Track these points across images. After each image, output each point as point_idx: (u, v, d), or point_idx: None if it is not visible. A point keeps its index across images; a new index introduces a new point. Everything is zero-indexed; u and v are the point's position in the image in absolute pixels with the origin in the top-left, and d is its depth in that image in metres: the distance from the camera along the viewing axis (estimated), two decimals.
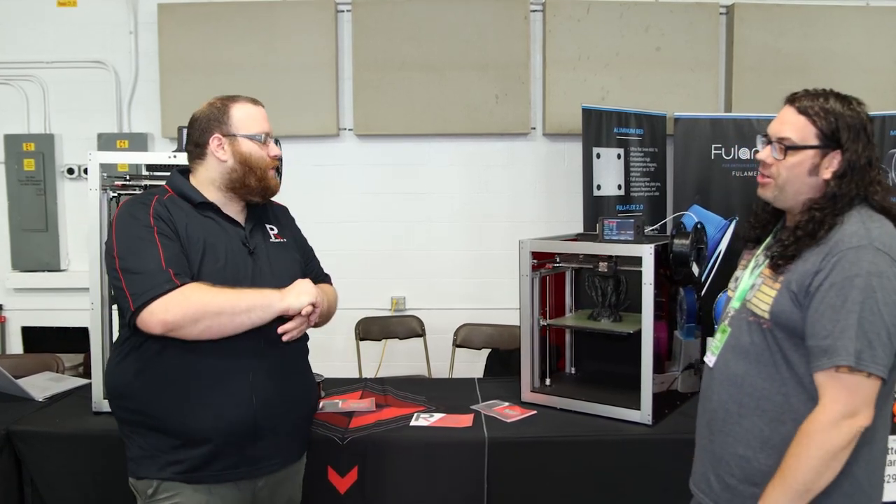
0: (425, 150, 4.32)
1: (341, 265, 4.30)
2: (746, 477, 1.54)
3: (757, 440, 1.53)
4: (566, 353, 2.82)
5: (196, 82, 4.09)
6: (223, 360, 1.70)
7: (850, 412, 1.39)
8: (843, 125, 1.51)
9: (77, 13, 4.26)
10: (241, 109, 1.81)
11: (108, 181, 2.38)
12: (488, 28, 4.17)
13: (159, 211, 1.72)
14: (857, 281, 1.40)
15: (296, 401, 1.86)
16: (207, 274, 1.70)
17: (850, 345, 1.38)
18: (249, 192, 1.81)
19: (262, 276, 1.78)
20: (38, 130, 4.29)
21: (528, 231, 3.94)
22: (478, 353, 3.98)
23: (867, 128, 1.53)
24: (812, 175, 1.53)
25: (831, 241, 1.46)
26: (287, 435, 1.83)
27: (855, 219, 1.48)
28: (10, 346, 4.35)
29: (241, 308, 1.65)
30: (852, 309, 1.39)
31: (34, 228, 4.27)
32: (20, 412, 2.40)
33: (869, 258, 1.41)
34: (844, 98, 1.55)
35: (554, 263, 2.65)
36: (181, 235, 1.71)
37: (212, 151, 1.79)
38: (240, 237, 1.81)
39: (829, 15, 4.19)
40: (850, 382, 1.39)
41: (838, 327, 1.40)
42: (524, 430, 2.32)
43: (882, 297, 1.39)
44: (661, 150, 4.16)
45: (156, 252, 1.64)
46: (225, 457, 1.72)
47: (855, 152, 1.50)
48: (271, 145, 1.84)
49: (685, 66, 4.21)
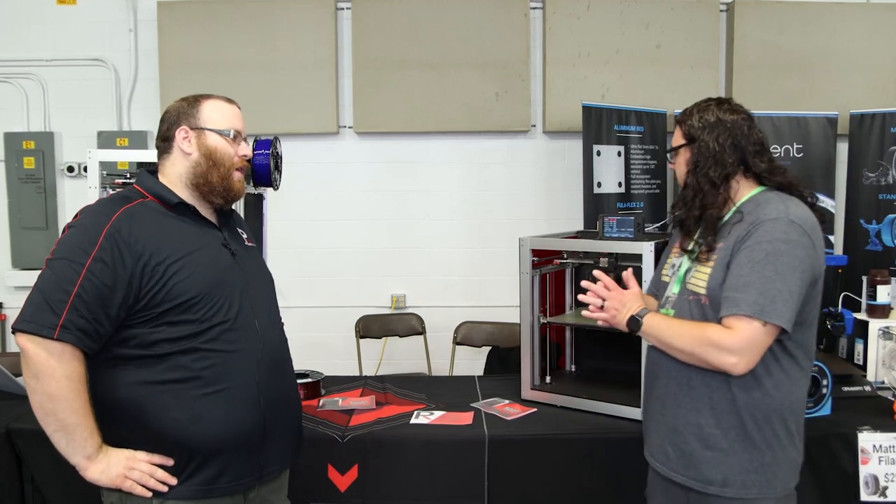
0: (425, 147, 4.32)
1: (341, 263, 4.35)
2: (701, 442, 1.70)
3: (706, 407, 1.69)
4: (566, 350, 2.82)
5: (196, 80, 4.09)
6: (230, 365, 1.62)
7: (733, 352, 1.59)
8: (696, 125, 1.79)
9: (77, 11, 4.26)
10: (213, 105, 1.75)
11: (107, 179, 2.38)
12: (488, 25, 4.17)
13: (118, 228, 1.56)
14: (766, 245, 1.60)
15: (292, 397, 1.82)
16: (192, 283, 1.59)
17: (750, 297, 1.58)
18: (211, 192, 1.71)
19: (248, 279, 1.72)
20: (37, 128, 4.29)
21: (529, 228, 3.96)
22: (478, 351, 3.99)
23: (730, 125, 1.75)
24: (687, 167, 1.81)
25: (755, 216, 1.66)
26: (287, 436, 1.77)
27: (775, 199, 1.69)
28: (11, 345, 4.35)
29: (48, 419, 1.53)
30: (756, 268, 1.59)
31: (34, 226, 4.27)
32: (20, 410, 2.39)
33: (782, 228, 1.61)
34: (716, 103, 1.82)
35: (561, 259, 2.65)
36: (138, 259, 1.55)
37: (178, 144, 1.71)
38: (219, 239, 1.73)
39: (830, 12, 4.19)
40: (745, 328, 1.58)
41: (742, 282, 1.60)
42: (524, 427, 2.33)
43: (787, 261, 1.58)
44: (662, 147, 4.16)
45: (71, 284, 1.50)
46: (234, 466, 1.64)
47: (705, 143, 1.75)
48: (242, 145, 1.76)
49: (685, 63, 4.21)
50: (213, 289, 1.62)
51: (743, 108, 1.80)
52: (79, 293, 1.50)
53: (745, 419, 1.66)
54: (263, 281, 1.81)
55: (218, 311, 1.62)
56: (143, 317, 1.57)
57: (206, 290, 1.61)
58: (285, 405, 1.76)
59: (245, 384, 1.64)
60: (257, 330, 1.69)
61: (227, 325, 1.63)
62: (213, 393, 1.60)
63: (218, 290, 1.63)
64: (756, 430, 1.66)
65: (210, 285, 1.62)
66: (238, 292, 1.68)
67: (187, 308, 1.58)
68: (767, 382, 1.65)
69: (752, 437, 1.66)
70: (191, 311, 1.59)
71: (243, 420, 1.63)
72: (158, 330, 1.58)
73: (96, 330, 1.52)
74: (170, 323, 1.58)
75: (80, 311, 1.50)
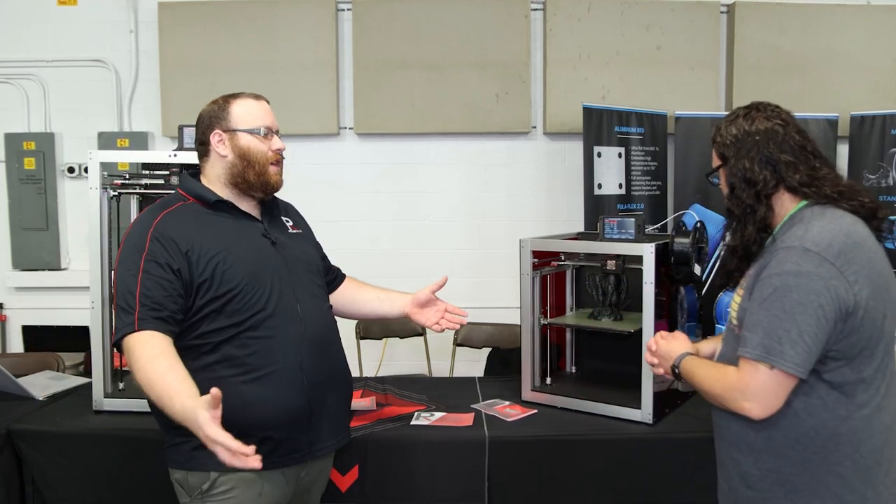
0: (426, 149, 4.32)
1: (341, 264, 4.30)
2: (743, 480, 1.59)
3: (744, 443, 1.58)
4: (567, 352, 2.82)
5: (196, 81, 4.10)
6: (273, 350, 1.73)
7: (746, 396, 1.47)
8: (727, 142, 1.63)
9: (77, 12, 4.26)
10: (241, 105, 1.83)
11: (108, 180, 2.38)
12: (488, 27, 4.17)
13: (161, 231, 1.71)
14: (775, 279, 1.46)
15: (337, 377, 1.90)
16: (232, 274, 1.71)
17: (756, 339, 1.46)
18: (250, 188, 1.83)
19: (290, 266, 1.83)
20: (38, 129, 4.29)
21: (529, 230, 3.95)
22: (478, 352, 3.98)
23: (756, 134, 1.59)
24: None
25: (777, 241, 1.53)
26: (336, 414, 1.87)
27: (804, 219, 1.52)
28: (11, 345, 4.35)
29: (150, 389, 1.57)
30: (764, 305, 1.46)
31: (34, 227, 4.27)
32: (21, 411, 2.40)
33: (794, 259, 1.45)
34: (744, 113, 1.64)
35: (559, 262, 2.65)
36: (184, 255, 1.69)
37: (213, 147, 1.82)
38: (259, 230, 1.84)
39: (830, 14, 4.19)
40: (752, 371, 1.47)
41: (751, 320, 1.49)
42: (525, 429, 2.32)
43: (797, 297, 1.43)
44: (662, 148, 4.17)
45: (133, 287, 1.65)
46: (285, 444, 1.75)
47: (739, 164, 1.59)
48: (274, 139, 1.85)
49: (686, 64, 4.21)
50: (253, 279, 1.73)
51: (778, 112, 1.63)
52: (143, 292, 1.64)
53: (782, 462, 1.52)
54: (307, 266, 1.90)
55: (258, 300, 1.73)
56: (195, 310, 1.69)
57: (247, 279, 1.72)
58: (332, 385, 1.85)
59: (289, 367, 1.74)
60: (300, 314, 1.79)
61: (267, 313, 1.73)
62: (259, 378, 1.71)
63: (257, 280, 1.74)
64: (796, 474, 1.50)
65: (250, 275, 1.73)
66: (279, 280, 1.78)
67: (230, 299, 1.70)
68: (808, 423, 1.49)
69: (791, 481, 1.51)
70: (233, 302, 1.70)
71: (289, 401, 1.74)
72: (207, 321, 1.70)
73: (171, 316, 1.65)
74: (215, 312, 1.70)
75: (149, 305, 1.63)
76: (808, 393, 1.48)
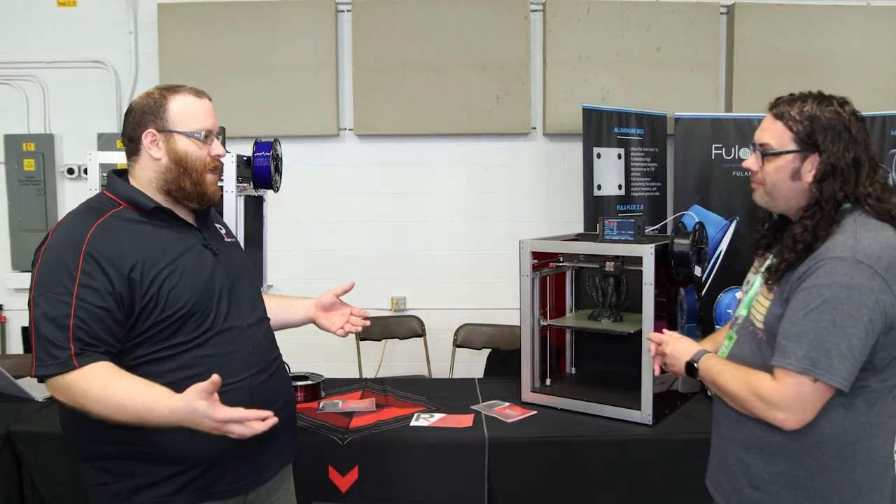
0: (425, 150, 4.32)
1: (341, 265, 4.34)
2: (749, 481, 1.57)
3: (754, 446, 1.56)
4: (566, 353, 2.82)
5: (196, 82, 3.98)
6: (222, 368, 1.50)
7: (781, 408, 1.44)
8: (819, 127, 1.49)
9: (77, 13, 4.25)
10: (181, 102, 1.62)
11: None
12: (488, 28, 4.17)
13: (96, 247, 1.50)
14: (824, 291, 1.40)
15: (284, 394, 1.76)
16: (179, 294, 1.54)
17: (801, 350, 1.40)
18: (185, 197, 1.64)
19: (232, 278, 1.68)
20: (38, 130, 4.29)
21: (529, 231, 3.94)
22: (478, 353, 3.98)
23: (851, 128, 1.50)
24: (795, 180, 1.52)
25: (821, 249, 1.45)
26: (283, 435, 1.70)
27: (849, 227, 1.46)
28: (10, 347, 4.35)
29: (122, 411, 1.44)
30: (811, 317, 1.41)
31: (34, 228, 4.26)
32: (20, 412, 2.40)
33: (845, 270, 1.40)
34: (826, 99, 1.53)
35: (557, 263, 2.65)
36: (126, 277, 1.50)
37: (145, 148, 1.61)
38: (199, 240, 1.67)
39: (830, 15, 4.19)
40: (793, 383, 1.42)
41: (794, 330, 1.43)
42: (524, 430, 2.32)
43: (847, 310, 1.38)
44: (662, 149, 4.16)
45: (65, 319, 1.45)
46: (231, 472, 1.61)
47: (834, 154, 1.48)
48: (214, 144, 1.66)
49: (685, 65, 4.21)
50: (201, 297, 1.57)
51: (860, 113, 1.53)
52: (77, 325, 1.45)
53: (796, 466, 1.50)
54: (246, 277, 1.77)
55: (206, 318, 1.57)
56: (137, 332, 1.52)
57: (195, 298, 1.56)
58: (279, 404, 1.67)
59: (236, 389, 1.59)
60: (245, 330, 1.66)
61: (215, 330, 1.59)
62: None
63: (205, 298, 1.59)
64: (810, 478, 1.49)
65: (198, 294, 1.57)
66: (225, 294, 1.64)
67: (176, 321, 1.53)
68: (829, 430, 1.47)
69: (804, 486, 1.50)
70: (178, 322, 1.54)
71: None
72: (147, 343, 1.53)
73: (108, 350, 1.49)
74: (159, 334, 1.53)
75: (85, 340, 1.46)
76: (831, 401, 1.45)
